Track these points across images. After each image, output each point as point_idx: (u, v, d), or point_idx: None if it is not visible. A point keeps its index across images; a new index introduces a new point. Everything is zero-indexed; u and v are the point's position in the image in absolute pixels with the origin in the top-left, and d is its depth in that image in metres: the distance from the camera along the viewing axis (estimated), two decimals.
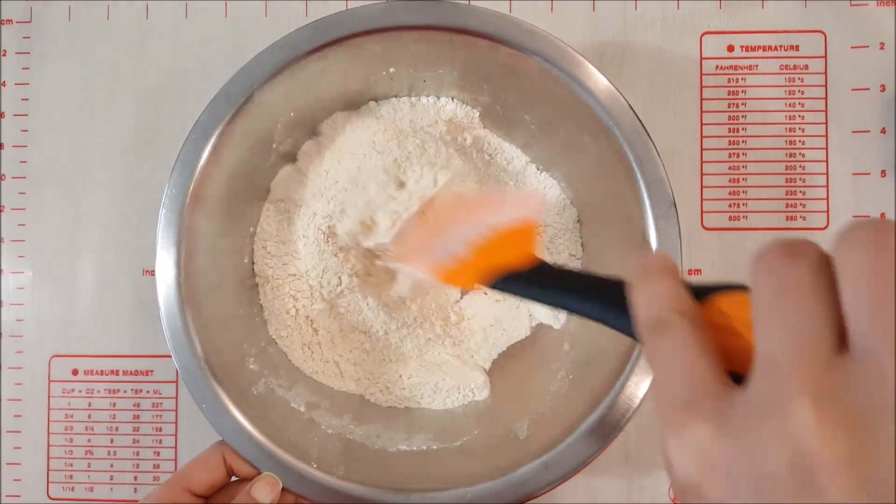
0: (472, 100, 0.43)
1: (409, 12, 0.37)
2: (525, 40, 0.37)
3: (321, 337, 0.42)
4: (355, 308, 0.41)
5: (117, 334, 0.47)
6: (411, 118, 0.42)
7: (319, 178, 0.41)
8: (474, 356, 0.43)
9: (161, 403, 0.47)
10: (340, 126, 0.42)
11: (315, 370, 0.42)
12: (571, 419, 0.36)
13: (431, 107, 0.43)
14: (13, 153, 0.48)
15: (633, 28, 0.46)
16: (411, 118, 0.42)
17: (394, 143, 0.40)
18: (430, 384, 0.42)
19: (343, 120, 0.42)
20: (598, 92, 0.37)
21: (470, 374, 0.42)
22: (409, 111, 0.43)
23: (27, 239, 0.48)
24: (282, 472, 0.36)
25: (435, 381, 0.42)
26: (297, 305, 0.42)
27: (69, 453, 0.47)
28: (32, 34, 0.48)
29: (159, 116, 0.48)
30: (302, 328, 0.42)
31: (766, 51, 0.46)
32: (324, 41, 0.37)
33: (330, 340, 0.42)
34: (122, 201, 0.48)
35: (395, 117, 0.43)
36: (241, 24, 0.47)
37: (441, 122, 0.42)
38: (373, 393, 0.42)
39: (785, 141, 0.45)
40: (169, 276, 0.37)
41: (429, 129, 0.42)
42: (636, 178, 0.36)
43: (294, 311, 0.42)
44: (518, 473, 0.35)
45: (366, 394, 0.42)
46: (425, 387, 0.42)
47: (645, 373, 0.35)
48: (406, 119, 0.42)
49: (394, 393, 0.42)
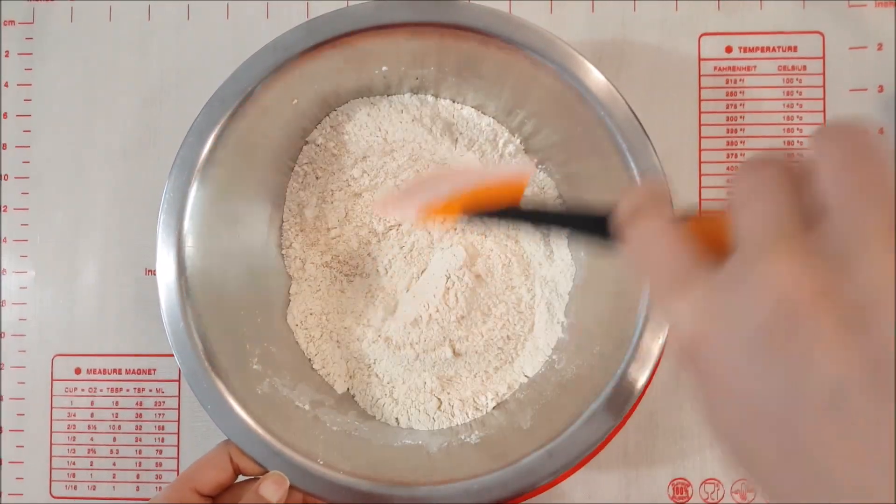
0: (467, 96, 0.43)
1: (399, 10, 0.37)
2: (515, 34, 0.37)
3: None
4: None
5: (120, 333, 0.47)
6: (414, 113, 0.43)
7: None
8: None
9: (163, 402, 0.47)
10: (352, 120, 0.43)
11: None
12: (575, 408, 0.36)
13: (430, 103, 0.43)
14: (15, 153, 0.48)
15: (631, 29, 0.46)
16: (414, 113, 0.43)
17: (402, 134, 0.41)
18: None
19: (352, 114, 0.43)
20: (589, 82, 0.37)
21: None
22: (409, 106, 0.43)
23: (29, 238, 0.48)
24: (289, 470, 0.36)
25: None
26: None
27: (72, 452, 0.47)
28: (35, 35, 0.49)
29: (161, 117, 0.48)
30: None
31: (764, 52, 0.46)
32: (316, 41, 0.38)
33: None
34: (123, 201, 0.48)
35: (399, 110, 0.43)
36: (242, 25, 0.48)
37: (439, 118, 0.43)
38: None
39: (783, 142, 0.46)
40: (169, 279, 0.37)
41: (429, 122, 0.42)
42: (629, 167, 0.36)
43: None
44: (523, 463, 0.35)
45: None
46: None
47: (646, 360, 0.36)
48: (410, 112, 0.43)
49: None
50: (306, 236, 0.43)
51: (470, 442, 0.39)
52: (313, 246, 0.43)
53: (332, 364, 0.43)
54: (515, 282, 0.43)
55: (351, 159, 0.43)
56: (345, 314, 0.43)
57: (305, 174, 0.43)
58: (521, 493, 0.36)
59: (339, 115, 0.43)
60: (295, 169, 0.43)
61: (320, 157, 0.43)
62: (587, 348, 0.40)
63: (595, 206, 0.27)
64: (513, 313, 0.43)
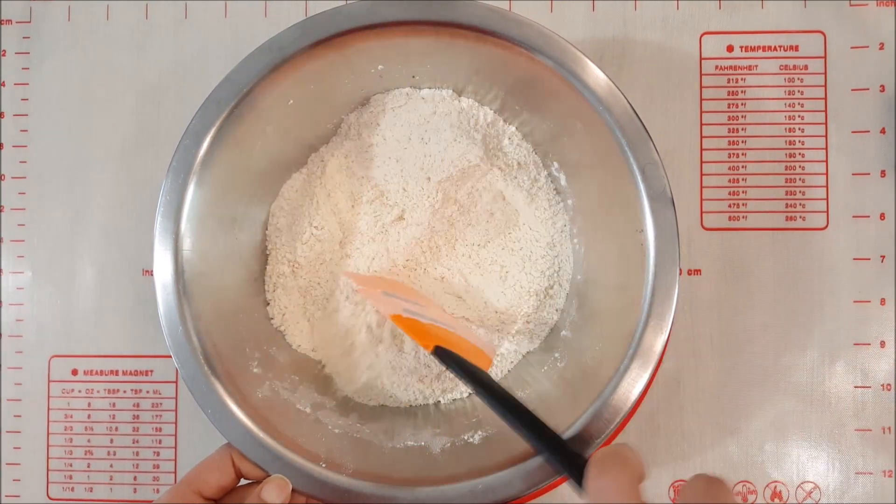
0: (465, 91, 0.43)
1: (394, 8, 0.37)
2: (512, 30, 0.37)
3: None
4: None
5: (117, 334, 0.47)
6: (416, 110, 0.43)
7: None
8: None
9: (161, 403, 0.47)
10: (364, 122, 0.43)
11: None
12: (577, 406, 0.36)
13: (429, 96, 0.43)
14: (13, 153, 0.48)
15: (632, 28, 0.46)
16: (416, 110, 0.43)
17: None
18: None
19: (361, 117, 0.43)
20: (587, 78, 0.37)
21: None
22: (410, 102, 0.43)
23: (27, 239, 0.48)
24: (291, 474, 0.35)
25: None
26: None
27: (69, 453, 0.47)
28: (32, 34, 0.48)
29: (159, 116, 0.48)
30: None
31: (765, 51, 0.46)
32: (311, 41, 0.37)
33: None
34: (121, 201, 0.48)
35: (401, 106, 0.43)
36: (240, 24, 0.47)
37: (439, 112, 0.43)
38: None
39: (784, 141, 0.45)
40: (167, 281, 0.37)
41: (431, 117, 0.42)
42: (629, 162, 0.36)
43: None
44: (528, 463, 0.35)
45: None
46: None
47: (647, 360, 0.35)
48: (414, 109, 0.43)
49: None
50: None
51: (472, 442, 0.39)
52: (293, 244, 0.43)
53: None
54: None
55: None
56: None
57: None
58: (525, 493, 0.35)
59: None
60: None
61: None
62: (588, 347, 0.40)
63: (563, 440, 0.33)
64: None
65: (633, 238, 0.37)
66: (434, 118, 0.42)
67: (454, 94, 0.43)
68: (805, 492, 0.45)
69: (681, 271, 0.36)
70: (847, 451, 0.45)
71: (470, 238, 0.43)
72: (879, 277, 0.45)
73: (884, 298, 0.45)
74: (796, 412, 0.45)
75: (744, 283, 0.45)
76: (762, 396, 0.45)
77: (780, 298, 0.45)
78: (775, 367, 0.45)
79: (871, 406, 0.45)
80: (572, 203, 0.43)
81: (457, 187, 0.42)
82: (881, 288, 0.45)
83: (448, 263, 0.43)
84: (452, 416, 0.42)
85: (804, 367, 0.45)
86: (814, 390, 0.45)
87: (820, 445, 0.45)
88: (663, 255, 0.36)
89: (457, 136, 0.42)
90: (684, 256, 0.45)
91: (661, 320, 0.35)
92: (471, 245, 0.43)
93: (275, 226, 0.43)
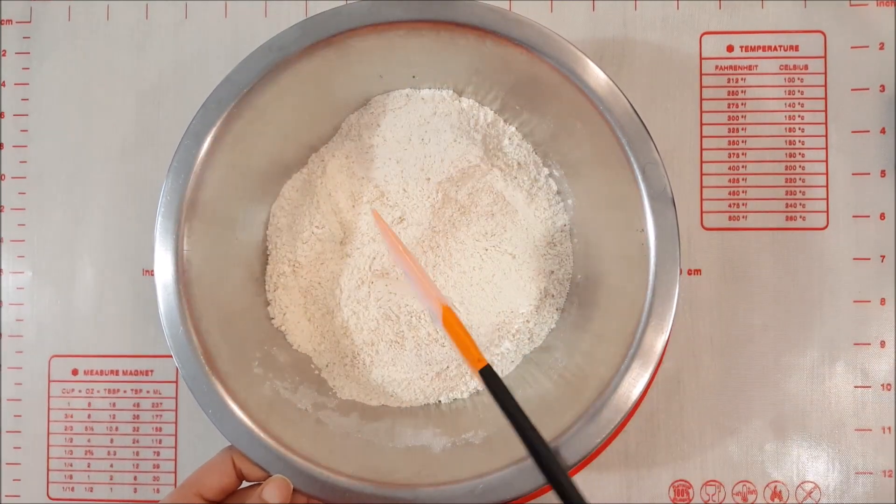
0: (465, 91, 0.43)
1: (394, 8, 0.37)
2: (512, 30, 0.37)
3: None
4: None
5: (117, 334, 0.47)
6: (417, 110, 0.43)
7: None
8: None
9: (161, 403, 0.47)
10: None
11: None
12: (576, 407, 0.36)
13: (429, 97, 0.43)
14: (13, 153, 0.48)
15: (632, 28, 0.46)
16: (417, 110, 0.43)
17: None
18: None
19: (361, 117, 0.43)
20: (587, 78, 0.37)
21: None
22: (410, 103, 0.43)
23: (27, 239, 0.48)
24: (292, 474, 0.35)
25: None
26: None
27: (69, 453, 0.47)
28: (32, 34, 0.48)
29: (159, 116, 0.48)
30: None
31: (765, 51, 0.46)
32: (311, 41, 0.37)
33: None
34: (121, 201, 0.48)
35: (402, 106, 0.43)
36: (240, 24, 0.47)
37: (439, 113, 0.43)
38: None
39: (785, 141, 0.45)
40: (168, 281, 0.37)
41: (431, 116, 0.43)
42: (630, 162, 0.36)
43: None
44: (529, 462, 0.35)
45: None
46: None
47: (648, 360, 0.35)
48: (415, 109, 0.43)
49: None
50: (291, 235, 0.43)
51: (473, 442, 0.39)
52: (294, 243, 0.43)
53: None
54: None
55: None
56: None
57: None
58: (526, 494, 0.35)
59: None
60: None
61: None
62: (589, 347, 0.40)
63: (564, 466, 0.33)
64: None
65: (633, 238, 0.37)
66: (434, 119, 0.42)
67: (454, 94, 0.43)
68: (805, 492, 0.45)
69: (681, 271, 0.36)
70: (847, 451, 0.45)
71: (470, 238, 0.43)
72: (879, 277, 0.45)
73: (884, 298, 0.45)
74: (796, 412, 0.45)
75: (744, 282, 0.45)
76: (762, 396, 0.45)
77: (780, 298, 0.45)
78: (775, 367, 0.45)
79: (871, 406, 0.45)
80: (572, 203, 0.43)
81: (457, 188, 0.42)
82: (881, 288, 0.45)
83: (448, 263, 0.43)
84: (453, 416, 0.42)
85: (804, 366, 0.45)
86: (814, 390, 0.45)
87: (820, 445, 0.45)
88: (664, 255, 0.36)
89: (457, 137, 0.42)
90: (684, 256, 0.45)
91: (662, 320, 0.35)
92: (471, 245, 0.43)
93: (275, 225, 0.43)
